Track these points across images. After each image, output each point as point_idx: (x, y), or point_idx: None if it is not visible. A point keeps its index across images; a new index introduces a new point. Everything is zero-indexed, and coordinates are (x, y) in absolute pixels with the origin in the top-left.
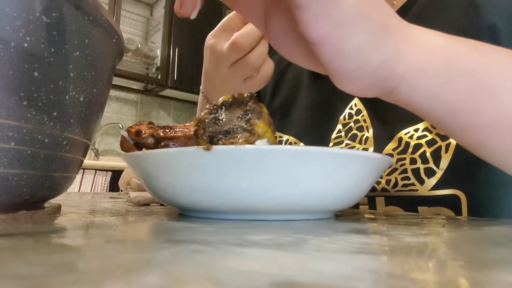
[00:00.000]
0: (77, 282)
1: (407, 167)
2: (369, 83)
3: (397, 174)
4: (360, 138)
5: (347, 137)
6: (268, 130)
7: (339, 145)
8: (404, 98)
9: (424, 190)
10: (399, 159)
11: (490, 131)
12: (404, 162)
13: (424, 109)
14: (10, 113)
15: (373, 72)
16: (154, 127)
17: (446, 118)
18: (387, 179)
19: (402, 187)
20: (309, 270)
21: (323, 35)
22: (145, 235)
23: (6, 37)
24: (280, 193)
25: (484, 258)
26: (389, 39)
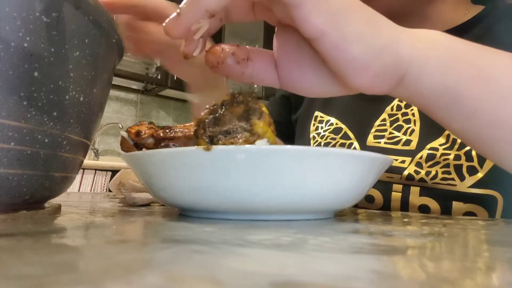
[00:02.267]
0: (77, 282)
1: (450, 162)
2: (379, 71)
3: (439, 167)
4: (405, 130)
5: (391, 127)
6: (268, 130)
7: (381, 133)
8: (413, 85)
9: (463, 186)
10: (444, 154)
11: (491, 119)
12: (448, 157)
13: (432, 97)
14: (10, 113)
15: (378, 55)
16: (154, 127)
17: (451, 105)
18: (427, 171)
19: (441, 180)
20: (309, 270)
21: (322, 26)
22: (145, 235)
23: (6, 37)
24: (280, 193)
25: (484, 258)
26: (385, 28)
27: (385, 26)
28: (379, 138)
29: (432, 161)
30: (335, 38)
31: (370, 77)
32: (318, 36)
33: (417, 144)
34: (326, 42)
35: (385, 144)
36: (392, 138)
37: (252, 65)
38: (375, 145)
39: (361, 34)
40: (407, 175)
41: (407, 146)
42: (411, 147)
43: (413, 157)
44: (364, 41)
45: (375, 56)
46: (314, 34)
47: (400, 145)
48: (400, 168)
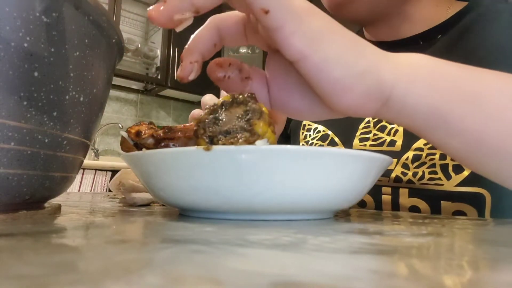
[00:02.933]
0: (77, 282)
1: (436, 162)
2: (363, 93)
3: (425, 167)
4: (389, 130)
5: (375, 128)
6: (268, 130)
7: (366, 135)
8: (399, 107)
9: (450, 185)
10: (429, 153)
11: (478, 137)
12: (434, 157)
13: (418, 118)
14: (10, 113)
15: (360, 77)
16: (154, 127)
17: (438, 125)
18: (414, 172)
19: (428, 181)
20: (309, 270)
21: (303, 48)
22: (145, 235)
23: (6, 37)
24: (280, 193)
25: (484, 258)
26: (367, 52)
27: (366, 51)
28: (364, 141)
29: (418, 161)
30: (316, 60)
31: (354, 99)
32: (299, 58)
33: (402, 145)
34: (307, 64)
35: (370, 147)
36: (377, 140)
37: (251, 84)
38: (360, 148)
39: (342, 56)
40: (394, 177)
41: (391, 147)
42: (396, 148)
43: (399, 159)
44: (345, 63)
45: (357, 78)
46: (295, 56)
47: (385, 146)
48: (388, 170)
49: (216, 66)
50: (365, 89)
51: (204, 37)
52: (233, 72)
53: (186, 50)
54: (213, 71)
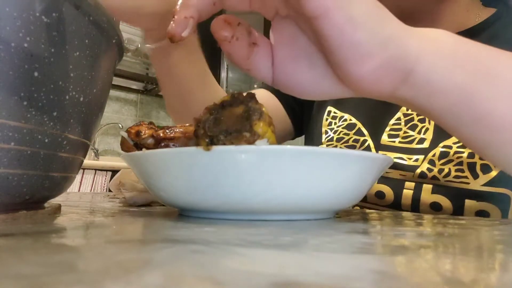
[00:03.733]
0: (77, 282)
1: (463, 160)
2: (384, 63)
3: (452, 165)
4: (420, 128)
5: (406, 126)
6: (268, 130)
7: (396, 132)
8: (421, 83)
9: (476, 184)
10: (457, 151)
11: (500, 121)
12: (462, 155)
13: (440, 97)
14: (10, 113)
15: (384, 45)
16: (154, 127)
17: (460, 106)
18: (440, 168)
19: (453, 178)
20: (309, 270)
21: (328, 3)
22: (145, 235)
23: (6, 37)
24: (280, 193)
25: (484, 258)
26: (392, 20)
27: (392, 19)
28: (393, 137)
29: (445, 158)
30: (340, 18)
31: (374, 68)
32: (322, 13)
33: (431, 142)
34: (329, 22)
35: (400, 144)
36: (407, 138)
37: (257, 52)
38: (389, 144)
39: (368, 18)
40: (419, 173)
41: (420, 144)
42: (424, 145)
43: (426, 155)
44: (371, 26)
45: (381, 45)
46: (317, 10)
47: (414, 143)
48: (413, 166)
49: (224, 23)
50: (387, 58)
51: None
52: (242, 33)
53: (182, 3)
54: (219, 28)
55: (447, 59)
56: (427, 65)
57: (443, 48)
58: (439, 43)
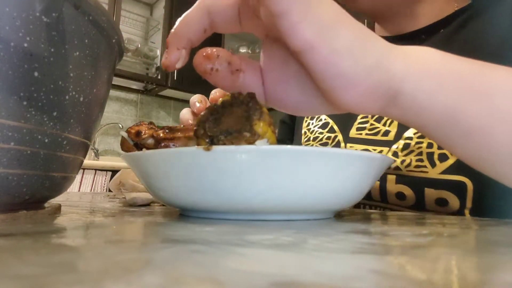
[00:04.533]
0: (77, 282)
1: (423, 150)
2: (370, 89)
3: (413, 155)
4: (385, 121)
5: (373, 118)
6: (268, 130)
7: (363, 124)
8: (408, 103)
9: (434, 173)
10: (418, 142)
11: (489, 137)
12: (421, 146)
13: (427, 115)
14: (10, 113)
15: (369, 72)
16: (154, 127)
17: (448, 123)
18: (402, 159)
19: (414, 168)
20: (309, 270)
21: (311, 38)
22: (145, 235)
23: (6, 37)
24: (280, 193)
25: (484, 258)
26: (377, 44)
27: (376, 43)
28: (361, 130)
29: (407, 150)
30: (324, 51)
31: (360, 94)
32: (306, 48)
33: (395, 134)
34: (314, 56)
35: (366, 135)
36: (373, 129)
37: (243, 77)
38: (356, 136)
39: (352, 48)
40: None
41: (385, 136)
42: (389, 137)
43: (390, 147)
44: (354, 56)
45: (366, 72)
46: (301, 46)
47: (380, 135)
48: None
49: (203, 58)
50: (372, 84)
51: (192, 20)
52: (222, 64)
53: (173, 35)
54: (199, 63)
55: (432, 79)
56: (413, 86)
57: (428, 67)
58: (424, 62)
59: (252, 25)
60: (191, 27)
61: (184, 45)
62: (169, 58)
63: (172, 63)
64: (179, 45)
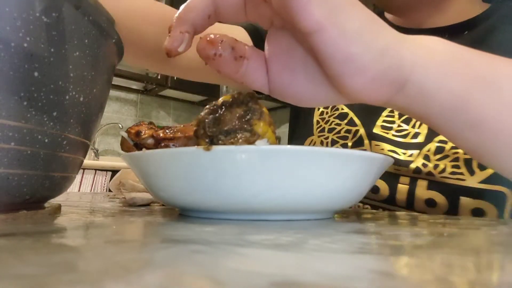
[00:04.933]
0: (77, 282)
1: (459, 156)
2: (379, 75)
3: (448, 161)
4: (414, 123)
5: (400, 119)
6: (268, 130)
7: (389, 124)
8: (416, 91)
9: (473, 181)
10: (454, 147)
11: (495, 127)
12: (458, 151)
13: (435, 104)
14: (10, 113)
15: (378, 57)
16: (154, 127)
17: (455, 113)
18: (435, 164)
19: (449, 174)
20: (309, 270)
21: (321, 19)
22: (145, 235)
23: (6, 37)
24: (280, 193)
25: (484, 258)
26: (387, 29)
27: (385, 28)
28: (386, 129)
29: (440, 154)
30: (333, 33)
31: (369, 80)
32: (316, 29)
33: (426, 137)
34: (323, 37)
35: (393, 136)
36: (401, 131)
37: (247, 64)
38: (382, 134)
39: (362, 32)
40: (414, 168)
41: (415, 139)
42: (419, 140)
43: (421, 150)
44: (365, 40)
45: (375, 58)
46: (311, 27)
47: (409, 138)
48: (408, 161)
49: (206, 43)
50: (382, 69)
51: (197, 5)
52: (226, 50)
53: (177, 19)
54: (202, 48)
55: (441, 67)
56: (421, 74)
57: (437, 56)
58: (433, 51)
59: (257, 14)
60: (196, 12)
61: (187, 28)
62: (171, 41)
63: (174, 47)
64: (182, 29)
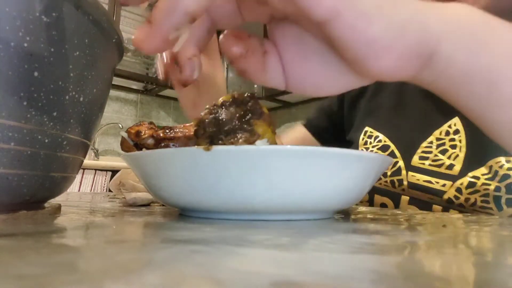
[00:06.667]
0: (77, 282)
1: (489, 192)
2: (404, 51)
3: (478, 195)
4: (450, 154)
5: (437, 149)
6: (268, 130)
7: (427, 154)
8: (443, 65)
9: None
10: (485, 183)
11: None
12: (488, 188)
13: (463, 79)
14: (10, 113)
15: (402, 32)
16: (154, 127)
17: (484, 89)
18: (466, 197)
19: (479, 208)
20: (309, 270)
21: (335, 4)
22: (145, 235)
23: (6, 37)
24: (280, 193)
25: (484, 258)
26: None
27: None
28: (424, 159)
29: (472, 188)
30: (350, 16)
31: (394, 59)
32: (331, 16)
33: (460, 170)
34: (340, 23)
35: (429, 166)
36: (436, 161)
37: (269, 60)
38: (419, 165)
39: (380, 8)
40: (447, 199)
41: (449, 170)
42: (453, 172)
43: (454, 182)
44: (384, 17)
45: (399, 34)
46: (326, 15)
47: (443, 168)
48: (440, 191)
49: (235, 39)
50: (407, 45)
51: (195, 24)
52: (255, 45)
53: (179, 44)
54: (229, 45)
55: (470, 39)
56: (450, 46)
57: (465, 26)
58: (461, 20)
59: (254, 14)
60: (195, 30)
61: (193, 52)
62: (185, 70)
63: (189, 76)
64: (188, 54)
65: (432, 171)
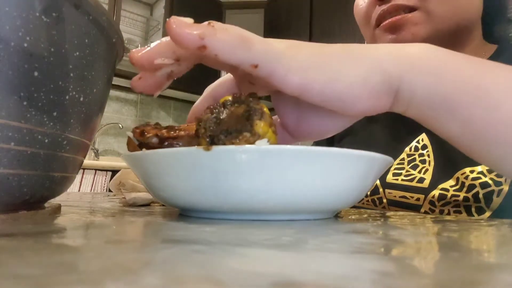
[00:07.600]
0: (77, 282)
1: (460, 203)
2: (372, 93)
3: (450, 207)
4: (420, 169)
5: (409, 165)
6: (269, 130)
7: (399, 170)
8: (408, 98)
9: None
10: (454, 195)
11: (485, 124)
12: (458, 199)
13: (427, 108)
14: (10, 113)
15: (365, 80)
16: (159, 127)
17: (447, 114)
18: (440, 209)
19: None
20: (309, 270)
21: (301, 81)
22: (145, 235)
23: (6, 37)
24: (280, 193)
25: (484, 258)
26: (363, 52)
27: (363, 53)
28: (397, 175)
29: (443, 200)
30: (318, 86)
31: (367, 99)
32: (302, 91)
33: (430, 183)
34: (311, 93)
35: (402, 181)
36: (408, 176)
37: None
38: (393, 182)
39: (340, 68)
40: (423, 212)
41: (420, 183)
42: (424, 185)
43: (426, 195)
44: (346, 73)
45: (362, 82)
46: (297, 91)
47: (415, 182)
48: (416, 205)
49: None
50: (373, 89)
51: (203, 108)
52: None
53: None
54: None
55: (429, 72)
56: (410, 81)
57: (424, 61)
58: (420, 59)
59: (251, 90)
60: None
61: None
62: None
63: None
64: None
65: (405, 186)
